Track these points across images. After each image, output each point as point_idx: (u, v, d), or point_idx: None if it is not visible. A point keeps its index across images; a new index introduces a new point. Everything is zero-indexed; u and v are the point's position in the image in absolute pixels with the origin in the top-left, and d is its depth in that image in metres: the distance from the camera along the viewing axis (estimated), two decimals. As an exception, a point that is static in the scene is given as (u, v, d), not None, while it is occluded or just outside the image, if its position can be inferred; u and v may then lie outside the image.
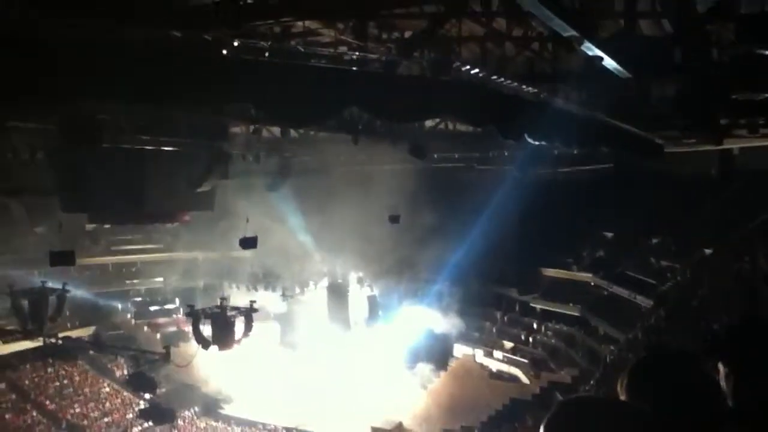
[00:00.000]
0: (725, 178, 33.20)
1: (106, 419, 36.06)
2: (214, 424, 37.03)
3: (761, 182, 29.81)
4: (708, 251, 29.63)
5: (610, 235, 37.70)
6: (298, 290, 41.03)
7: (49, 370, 37.11)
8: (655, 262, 32.82)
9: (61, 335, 29.40)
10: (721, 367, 2.43)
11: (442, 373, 36.28)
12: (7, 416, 33.52)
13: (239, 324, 22.40)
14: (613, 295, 33.70)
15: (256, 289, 40.60)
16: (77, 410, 35.82)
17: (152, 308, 44.51)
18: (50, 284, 23.87)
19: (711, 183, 33.58)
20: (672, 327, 24.02)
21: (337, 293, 41.01)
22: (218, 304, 22.84)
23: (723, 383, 2.40)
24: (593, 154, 24.77)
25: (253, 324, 22.96)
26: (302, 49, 8.23)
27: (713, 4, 9.58)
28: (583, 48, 7.69)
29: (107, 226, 35.45)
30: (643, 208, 36.32)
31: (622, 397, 2.11)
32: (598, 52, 7.89)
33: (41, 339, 27.71)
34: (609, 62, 8.37)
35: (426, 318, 37.81)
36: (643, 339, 25.16)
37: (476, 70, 9.11)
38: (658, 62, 9.70)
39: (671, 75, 10.56)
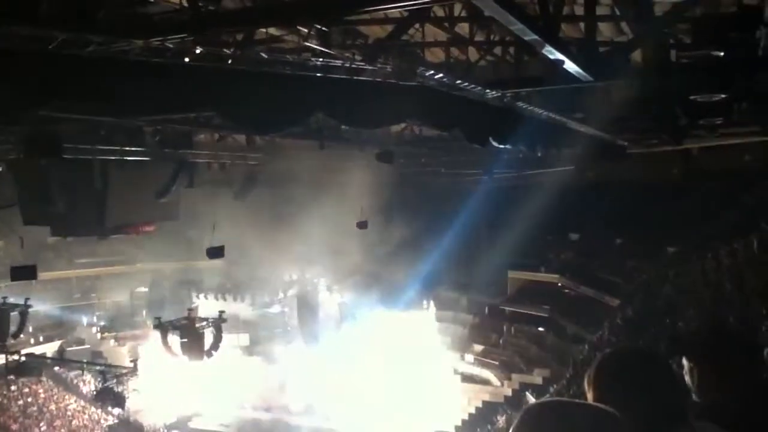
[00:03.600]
0: (687, 179, 33.85)
1: (73, 437, 35.31)
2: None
3: (722, 182, 30.50)
4: (672, 250, 30.17)
5: (576, 236, 38.17)
6: (267, 299, 40.74)
7: (13, 388, 36.07)
8: (620, 263, 33.30)
9: (24, 352, 28.80)
10: (685, 362, 2.47)
11: (415, 378, 36.27)
12: (-31, 438, 32.64)
13: (208, 335, 22.16)
14: (580, 295, 34.11)
15: (224, 299, 40.24)
16: (43, 429, 34.87)
17: (118, 321, 43.73)
18: (12, 300, 23.33)
19: (673, 183, 34.20)
20: (639, 325, 24.36)
21: (307, 301, 40.80)
22: (186, 315, 22.55)
23: (687, 378, 2.44)
24: (557, 156, 25.08)
25: (223, 334, 22.75)
26: (266, 56, 8.18)
27: (671, 7, 9.80)
28: (544, 52, 7.77)
29: (70, 238, 34.89)
30: (608, 209, 36.88)
31: (589, 393, 2.13)
32: (559, 56, 7.98)
33: (3, 356, 27.10)
34: (570, 66, 8.47)
35: (397, 323, 37.77)
36: (611, 338, 25.49)
37: (441, 75, 9.15)
38: (618, 65, 9.86)
39: (632, 77, 10.74)
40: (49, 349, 38.97)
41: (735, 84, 10.99)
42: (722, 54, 8.50)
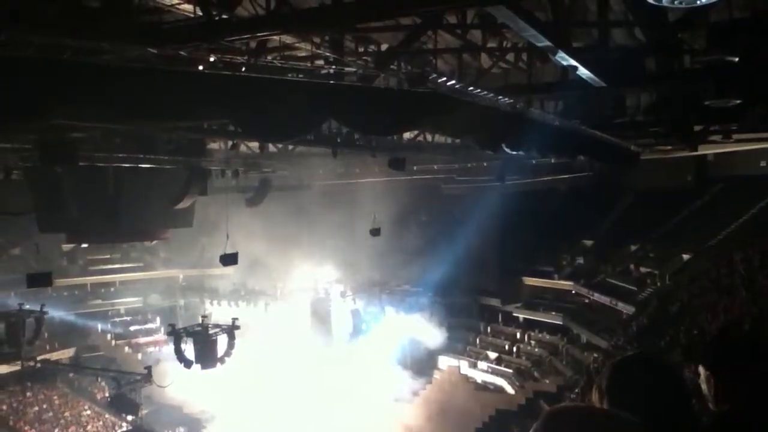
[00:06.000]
0: (701, 185, 33.63)
1: (87, 443, 35.49)
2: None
3: (736, 187, 30.28)
4: (686, 257, 29.95)
5: (589, 243, 37.96)
6: (280, 305, 40.78)
7: (28, 394, 36.41)
8: (634, 269, 33.07)
9: (39, 358, 28.91)
10: (701, 370, 2.44)
11: (428, 386, 36.16)
12: (-15, 443, 32.91)
13: (222, 342, 22.18)
14: (594, 302, 33.88)
15: (237, 305, 40.32)
16: (57, 435, 35.21)
17: (132, 328, 43.92)
18: (27, 306, 23.45)
19: (688, 189, 33.99)
20: (653, 332, 24.17)
21: (320, 308, 40.82)
22: (200, 322, 22.60)
23: (703, 387, 2.41)
24: (571, 163, 25.03)
25: (236, 341, 22.76)
26: (279, 64, 8.22)
27: (684, 13, 9.74)
28: (557, 58, 7.75)
29: (85, 245, 35.10)
30: (622, 215, 36.72)
31: (601, 402, 2.12)
32: (572, 62, 7.95)
33: (19, 363, 27.26)
34: (583, 71, 8.44)
35: (410, 330, 37.70)
36: (626, 345, 25.29)
37: (453, 82, 9.15)
38: (631, 71, 9.82)
39: (645, 83, 10.69)
40: (64, 355, 39.19)
41: (749, 89, 10.90)
42: (736, 59, 8.45)
